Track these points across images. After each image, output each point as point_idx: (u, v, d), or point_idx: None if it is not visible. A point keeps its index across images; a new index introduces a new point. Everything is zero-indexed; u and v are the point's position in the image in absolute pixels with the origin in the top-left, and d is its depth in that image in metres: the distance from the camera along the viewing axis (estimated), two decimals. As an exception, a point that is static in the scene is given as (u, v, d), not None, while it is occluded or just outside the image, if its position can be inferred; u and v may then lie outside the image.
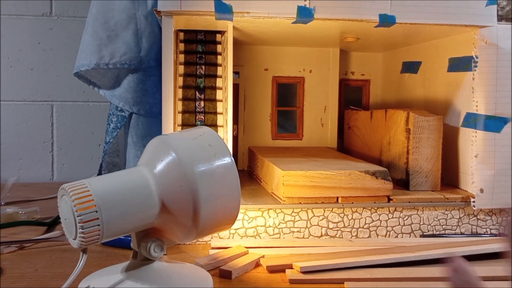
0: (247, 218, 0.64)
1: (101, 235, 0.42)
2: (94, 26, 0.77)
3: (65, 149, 1.16)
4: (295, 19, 0.63)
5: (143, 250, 0.47)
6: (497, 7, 0.65)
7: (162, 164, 0.45)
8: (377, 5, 0.63)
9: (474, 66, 0.66)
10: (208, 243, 0.63)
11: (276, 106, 0.95)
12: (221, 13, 0.61)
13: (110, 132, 0.83)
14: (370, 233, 0.66)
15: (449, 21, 0.65)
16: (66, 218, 0.43)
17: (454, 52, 0.73)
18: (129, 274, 0.47)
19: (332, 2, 0.62)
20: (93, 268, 0.52)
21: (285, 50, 0.95)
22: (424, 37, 0.78)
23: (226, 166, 0.46)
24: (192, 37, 0.69)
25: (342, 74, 0.99)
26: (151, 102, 0.81)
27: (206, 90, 0.68)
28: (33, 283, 0.50)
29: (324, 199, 0.64)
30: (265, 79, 0.95)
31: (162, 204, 0.45)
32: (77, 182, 0.43)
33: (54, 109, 1.16)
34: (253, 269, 0.55)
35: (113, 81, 0.82)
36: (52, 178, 1.16)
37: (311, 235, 0.65)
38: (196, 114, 0.67)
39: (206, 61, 0.69)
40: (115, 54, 0.76)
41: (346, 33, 0.77)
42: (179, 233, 0.47)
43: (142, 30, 0.78)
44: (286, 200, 0.63)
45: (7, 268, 0.55)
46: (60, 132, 1.16)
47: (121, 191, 0.44)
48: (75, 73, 0.79)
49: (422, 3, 0.64)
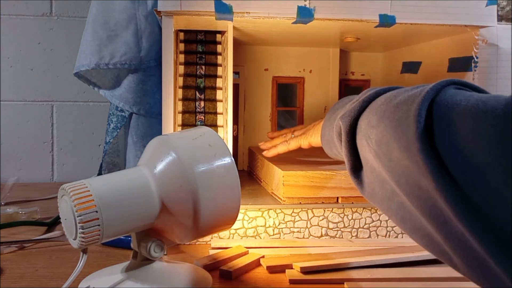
0: (247, 218, 0.64)
1: (101, 235, 0.42)
2: (94, 26, 0.77)
3: (65, 149, 1.16)
4: (295, 19, 0.63)
5: (143, 250, 0.47)
6: (497, 7, 0.65)
7: (162, 164, 0.45)
8: (377, 5, 0.63)
9: (474, 66, 0.66)
10: (208, 243, 0.63)
11: (276, 106, 0.95)
12: (221, 13, 0.61)
13: (110, 132, 0.83)
14: (370, 233, 0.66)
15: (449, 21, 0.65)
16: (66, 218, 0.43)
17: (454, 52, 0.73)
18: (129, 274, 0.47)
19: (332, 2, 0.62)
20: (93, 268, 0.52)
21: (285, 50, 0.95)
22: (424, 37, 0.78)
23: (226, 166, 0.46)
24: (192, 37, 0.69)
25: (342, 74, 0.99)
26: (151, 102, 0.81)
27: (206, 90, 0.68)
28: (33, 283, 0.50)
29: (324, 199, 0.64)
30: (265, 79, 0.95)
31: (162, 204, 0.45)
32: (77, 182, 0.43)
33: (54, 109, 1.16)
34: (253, 269, 0.55)
35: (113, 81, 0.82)
36: (52, 178, 1.16)
37: (311, 235, 0.65)
38: (196, 114, 0.67)
39: (206, 61, 0.69)
40: (115, 54, 0.76)
41: (346, 33, 0.77)
42: (179, 233, 0.47)
43: (142, 30, 0.78)
44: (286, 200, 0.63)
45: (7, 268, 0.55)
46: (60, 132, 1.16)
47: (121, 191, 0.44)
48: (75, 73, 0.79)
49: (422, 3, 0.64)
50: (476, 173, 0.30)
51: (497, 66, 0.66)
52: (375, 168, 0.42)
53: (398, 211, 0.39)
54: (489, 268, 0.30)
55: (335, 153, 0.54)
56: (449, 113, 0.33)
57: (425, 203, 0.34)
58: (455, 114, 0.32)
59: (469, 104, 0.32)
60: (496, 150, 0.29)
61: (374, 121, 0.41)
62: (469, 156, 0.30)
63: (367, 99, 0.45)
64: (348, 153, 0.46)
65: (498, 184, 0.29)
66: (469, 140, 0.30)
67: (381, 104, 0.42)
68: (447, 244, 0.33)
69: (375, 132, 0.40)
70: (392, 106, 0.39)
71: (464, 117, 0.31)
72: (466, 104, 0.32)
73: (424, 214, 0.35)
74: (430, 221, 0.34)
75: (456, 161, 0.31)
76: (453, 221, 0.32)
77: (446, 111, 0.33)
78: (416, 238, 0.38)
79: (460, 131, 0.31)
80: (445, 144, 0.32)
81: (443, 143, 0.32)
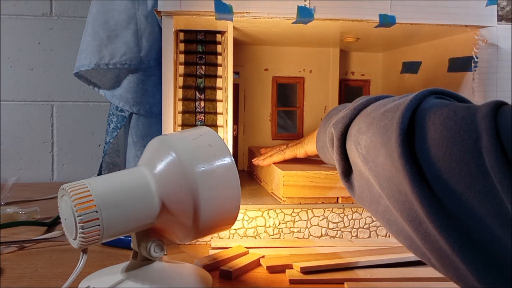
0: (247, 218, 0.64)
1: (101, 235, 0.42)
2: (94, 26, 0.77)
3: (65, 149, 1.17)
4: (295, 19, 0.63)
5: (143, 250, 0.47)
6: (497, 7, 0.65)
7: (162, 164, 0.45)
8: (377, 5, 0.63)
9: (474, 66, 0.66)
10: (208, 243, 0.63)
11: (276, 106, 0.95)
12: (221, 13, 0.61)
13: (110, 132, 0.83)
14: (370, 233, 0.66)
15: (449, 21, 0.65)
16: (66, 218, 0.43)
17: (454, 52, 0.73)
18: (129, 274, 0.47)
19: (332, 2, 0.62)
20: (93, 268, 0.52)
21: (285, 50, 0.95)
22: (424, 37, 0.78)
23: (226, 166, 0.46)
24: (192, 37, 0.69)
25: (342, 74, 0.99)
26: (151, 102, 0.81)
27: (206, 90, 0.68)
28: (33, 283, 0.50)
29: (324, 199, 0.64)
30: (265, 79, 0.95)
31: (162, 204, 0.45)
32: (77, 182, 0.43)
33: (54, 109, 1.16)
34: (253, 269, 0.55)
35: (113, 81, 0.82)
36: (52, 178, 1.16)
37: (311, 235, 0.65)
38: (196, 114, 0.67)
39: (206, 61, 0.69)
40: (115, 54, 0.76)
41: (346, 33, 0.77)
42: (179, 233, 0.47)
43: (142, 30, 0.78)
44: (286, 200, 0.63)
45: (7, 268, 0.55)
46: (60, 132, 1.16)
47: (121, 191, 0.44)
48: (75, 73, 0.79)
49: (422, 3, 0.64)
50: (445, 178, 0.32)
51: (497, 66, 0.66)
52: (364, 173, 0.43)
53: (384, 214, 0.41)
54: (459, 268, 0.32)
55: (328, 158, 0.56)
56: (426, 121, 0.35)
57: (404, 206, 0.36)
58: (431, 122, 0.35)
59: (443, 114, 0.34)
60: (463, 156, 0.31)
61: (364, 127, 0.43)
62: (440, 161, 0.32)
63: (358, 107, 0.47)
64: (339, 158, 0.48)
65: (465, 190, 0.31)
66: (440, 147, 0.33)
67: (370, 112, 0.44)
68: (424, 245, 0.35)
69: (364, 138, 0.42)
70: (380, 113, 0.41)
71: (437, 125, 0.34)
72: (440, 113, 0.34)
73: (403, 217, 0.37)
74: (408, 223, 0.36)
75: (430, 166, 0.33)
76: (427, 223, 0.33)
77: (424, 119, 0.35)
78: (400, 239, 0.40)
79: (434, 138, 0.34)
80: (422, 150, 0.34)
81: (420, 149, 0.34)
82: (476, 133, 0.30)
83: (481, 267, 0.30)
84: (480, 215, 0.30)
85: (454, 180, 0.31)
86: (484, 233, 0.30)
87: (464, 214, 0.31)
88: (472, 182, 0.30)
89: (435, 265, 0.35)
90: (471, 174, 0.30)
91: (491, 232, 0.30)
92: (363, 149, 0.42)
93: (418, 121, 0.36)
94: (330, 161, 0.56)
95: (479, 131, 0.30)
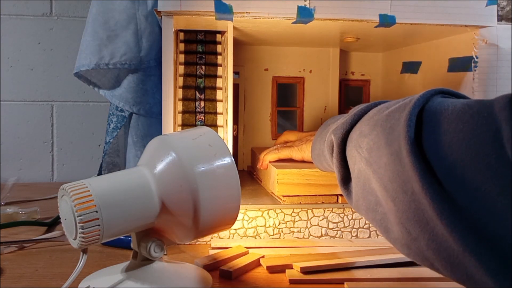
0: (247, 218, 0.64)
1: (101, 235, 0.42)
2: (94, 26, 0.77)
3: (65, 149, 1.17)
4: (295, 19, 0.63)
5: (143, 250, 0.47)
6: (497, 7, 0.65)
7: (162, 164, 0.45)
8: (377, 5, 0.63)
9: (474, 66, 0.66)
10: (208, 243, 0.63)
11: (276, 106, 0.95)
12: (221, 13, 0.61)
13: (110, 132, 0.83)
14: (370, 233, 0.66)
15: (449, 21, 0.65)
16: (66, 218, 0.43)
17: (454, 52, 0.73)
18: (129, 274, 0.47)
19: (332, 2, 0.62)
20: (93, 268, 0.52)
21: (285, 50, 0.95)
22: (424, 37, 0.78)
23: (226, 166, 0.46)
24: (192, 37, 0.69)
25: (342, 74, 0.99)
26: (151, 102, 0.81)
27: (206, 90, 0.68)
28: (33, 283, 0.50)
29: (323, 199, 0.64)
30: (265, 79, 0.95)
31: (162, 204, 0.45)
32: (77, 182, 0.43)
33: (54, 109, 1.16)
34: (253, 269, 0.55)
35: (113, 81, 0.82)
36: (52, 178, 1.16)
37: (311, 235, 0.65)
38: (196, 114, 0.67)
39: (206, 61, 0.69)
40: (115, 54, 0.76)
41: (346, 33, 0.77)
42: (179, 233, 0.47)
43: (142, 30, 0.78)
44: (286, 200, 0.63)
45: (7, 268, 0.55)
46: (60, 132, 1.16)
47: (121, 191, 0.44)
48: (75, 73, 0.79)
49: (422, 3, 0.64)
50: (460, 172, 0.32)
51: (497, 66, 0.66)
52: (360, 179, 0.43)
53: (381, 222, 0.41)
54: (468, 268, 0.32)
55: (325, 166, 0.56)
56: (437, 117, 0.35)
57: (409, 207, 0.36)
58: (443, 118, 0.35)
59: (456, 108, 0.34)
60: (481, 148, 0.31)
61: (366, 130, 0.43)
62: (455, 156, 0.32)
63: (359, 112, 0.47)
64: (339, 165, 0.48)
65: (482, 182, 0.30)
66: (455, 141, 0.33)
67: (373, 115, 0.44)
68: (430, 246, 0.35)
69: (367, 140, 0.42)
70: (384, 115, 0.41)
71: (452, 120, 0.34)
72: (453, 108, 0.35)
73: (409, 219, 0.36)
74: (414, 224, 0.36)
75: (441, 161, 0.33)
76: (436, 222, 0.33)
77: (434, 116, 0.35)
78: (398, 247, 0.40)
79: (448, 133, 0.34)
80: (432, 146, 0.34)
81: (431, 145, 0.34)
82: (495, 124, 0.30)
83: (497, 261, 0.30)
84: (498, 208, 0.30)
85: (469, 173, 0.31)
86: (501, 227, 0.30)
87: (479, 209, 0.31)
88: (491, 174, 0.30)
89: (439, 268, 0.35)
90: (490, 165, 0.30)
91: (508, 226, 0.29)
92: (365, 152, 0.42)
93: (426, 118, 0.36)
94: (327, 169, 0.56)
95: (498, 123, 0.30)
